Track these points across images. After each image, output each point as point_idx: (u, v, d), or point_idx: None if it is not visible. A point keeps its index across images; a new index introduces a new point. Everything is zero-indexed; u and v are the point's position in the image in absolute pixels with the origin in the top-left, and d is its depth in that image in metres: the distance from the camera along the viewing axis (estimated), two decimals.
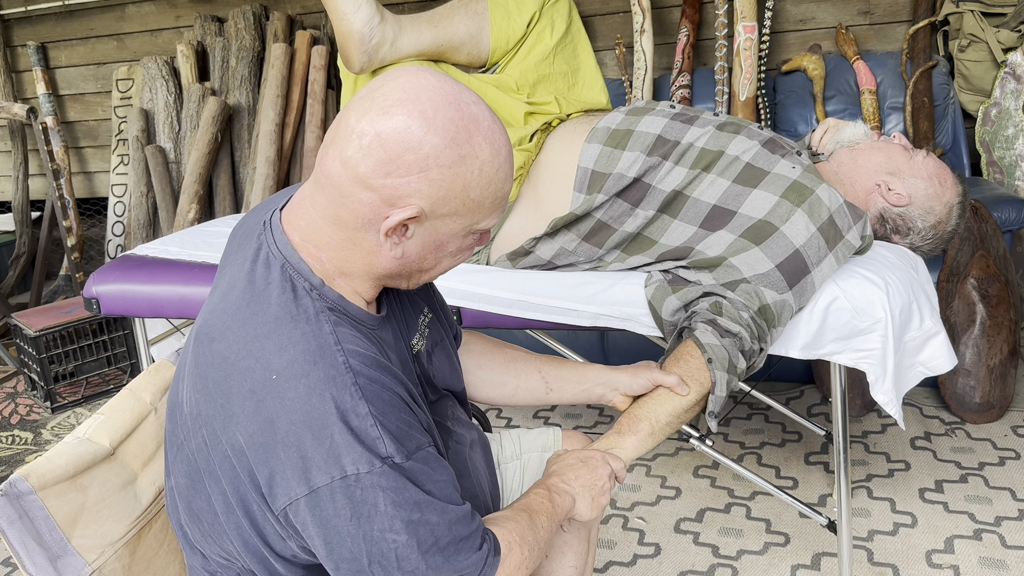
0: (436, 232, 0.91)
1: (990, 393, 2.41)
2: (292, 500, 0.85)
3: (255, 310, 0.90)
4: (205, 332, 0.93)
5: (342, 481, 0.84)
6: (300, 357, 0.86)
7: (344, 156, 0.87)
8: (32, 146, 4.26)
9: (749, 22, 2.88)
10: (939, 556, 1.87)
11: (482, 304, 1.73)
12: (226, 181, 3.62)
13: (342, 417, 0.84)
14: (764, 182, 1.58)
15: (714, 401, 1.37)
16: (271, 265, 0.93)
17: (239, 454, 0.88)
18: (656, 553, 1.97)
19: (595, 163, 1.71)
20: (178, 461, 0.99)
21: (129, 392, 1.18)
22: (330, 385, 0.85)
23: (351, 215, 0.89)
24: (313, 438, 0.84)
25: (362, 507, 0.84)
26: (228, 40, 3.72)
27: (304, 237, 0.93)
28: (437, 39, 1.91)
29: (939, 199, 1.68)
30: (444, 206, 0.89)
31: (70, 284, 4.01)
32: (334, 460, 0.84)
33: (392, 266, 0.93)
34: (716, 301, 1.47)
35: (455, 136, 0.86)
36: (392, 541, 0.85)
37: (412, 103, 0.86)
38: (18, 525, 0.96)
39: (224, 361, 0.88)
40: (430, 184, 0.86)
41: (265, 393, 0.85)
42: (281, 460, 0.85)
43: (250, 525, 0.93)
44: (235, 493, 0.92)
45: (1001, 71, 2.90)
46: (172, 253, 2.07)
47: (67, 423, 2.92)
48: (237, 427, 0.87)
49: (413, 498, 0.86)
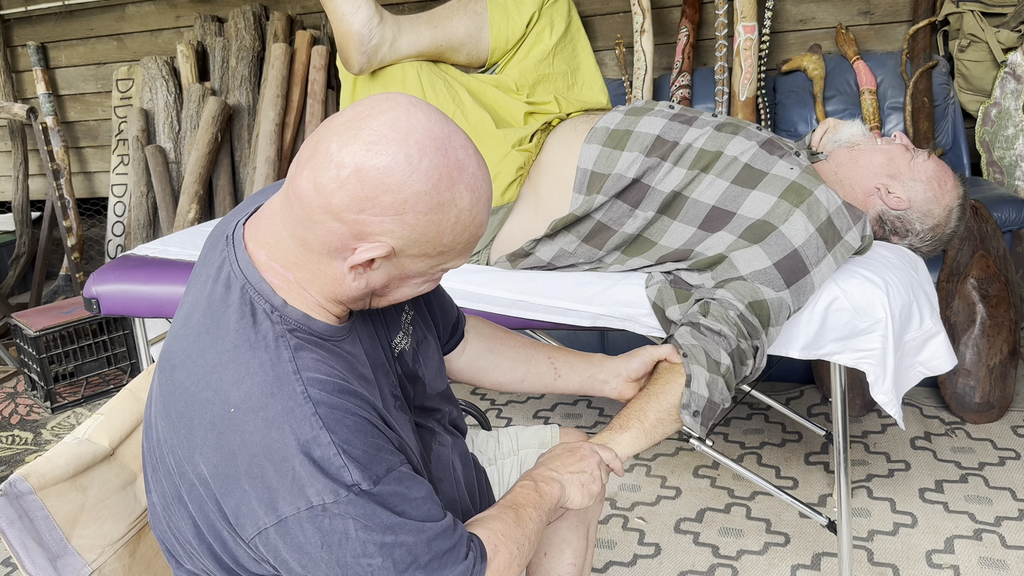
0: (402, 268, 0.89)
1: (990, 393, 2.41)
2: (261, 530, 0.85)
3: (213, 337, 0.88)
4: (167, 359, 0.92)
5: (308, 512, 0.83)
6: (257, 389, 0.84)
7: (319, 182, 0.83)
8: (32, 146, 4.27)
9: (749, 22, 2.88)
10: (939, 556, 1.87)
11: (482, 304, 1.73)
12: (226, 181, 3.62)
13: (303, 449, 0.82)
14: (763, 183, 1.58)
15: (688, 395, 1.33)
16: (231, 286, 0.90)
17: (204, 484, 0.87)
18: (656, 553, 1.97)
19: (594, 164, 1.71)
20: (155, 479, 0.98)
21: (129, 392, 1.18)
22: (288, 417, 0.83)
23: (318, 240, 0.86)
24: (275, 471, 0.83)
25: (331, 536, 0.83)
26: (228, 40, 3.72)
27: (270, 256, 0.90)
28: (436, 39, 1.91)
29: (938, 202, 1.68)
30: (414, 248, 0.86)
31: (70, 284, 4.01)
32: (299, 491, 0.82)
33: (355, 294, 0.91)
34: (704, 302, 1.47)
35: (437, 183, 0.83)
36: (367, 565, 0.85)
37: (399, 143, 0.82)
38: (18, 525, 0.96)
39: (184, 391, 0.87)
40: (403, 227, 0.84)
41: (225, 426, 0.84)
42: (246, 492, 0.84)
43: (222, 549, 0.92)
44: (204, 519, 0.91)
45: (1001, 71, 2.90)
46: (172, 253, 2.07)
47: (67, 423, 2.92)
48: (201, 457, 0.86)
49: (385, 522, 0.85)
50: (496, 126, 1.82)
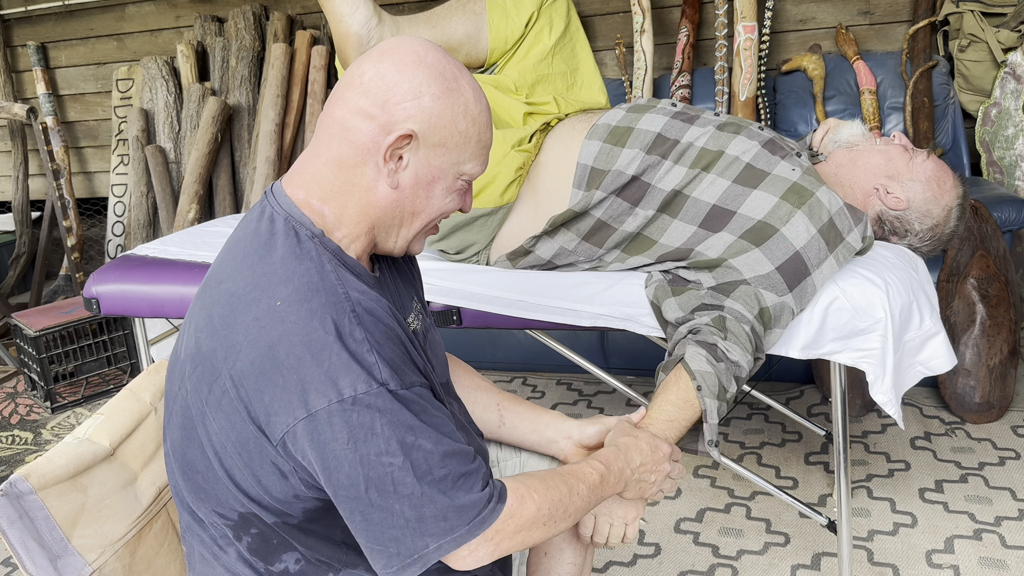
0: (428, 164, 0.98)
1: (990, 393, 2.41)
2: (290, 427, 0.87)
3: (261, 255, 0.95)
4: (213, 277, 0.98)
5: (339, 404, 0.86)
6: (303, 286, 0.90)
7: (347, 97, 0.96)
8: (32, 146, 4.27)
9: (749, 22, 2.88)
10: (939, 556, 1.87)
11: (482, 304, 1.73)
12: (226, 181, 3.62)
13: (340, 339, 0.87)
14: (764, 183, 1.58)
15: (710, 430, 1.36)
16: (275, 220, 0.98)
17: (239, 384, 0.90)
18: (656, 553, 1.97)
19: (594, 160, 1.71)
20: (173, 416, 1.00)
21: (129, 392, 1.18)
22: (330, 310, 0.89)
23: (351, 149, 0.96)
24: (312, 359, 0.86)
25: (358, 431, 0.86)
26: (228, 40, 3.72)
27: (307, 193, 0.98)
28: (435, 40, 1.91)
29: (937, 203, 1.68)
30: (435, 134, 0.96)
31: (70, 284, 4.01)
32: (331, 383, 0.86)
33: (388, 202, 0.98)
34: (719, 316, 1.44)
35: (443, 72, 0.97)
36: (388, 464, 0.87)
37: (405, 48, 0.97)
38: (18, 525, 0.96)
39: (231, 296, 0.93)
40: (422, 110, 0.95)
41: (268, 319, 0.89)
42: (279, 386, 0.87)
43: (245, 466, 0.93)
44: (232, 431, 0.92)
45: (1001, 71, 2.90)
46: (172, 253, 2.07)
47: (67, 423, 2.92)
48: (238, 356, 0.89)
49: (408, 422, 0.88)
50: (495, 127, 1.82)
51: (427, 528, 0.88)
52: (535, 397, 2.85)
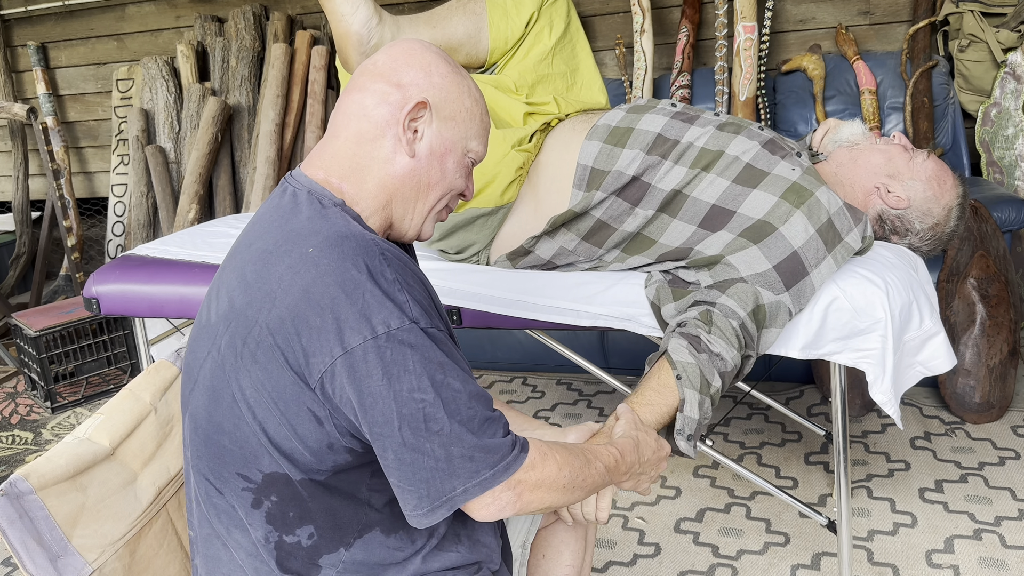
0: (441, 135, 1.05)
1: (990, 393, 2.41)
2: (328, 365, 0.90)
3: (288, 217, 1.00)
4: (241, 243, 1.03)
5: (374, 341, 0.89)
6: (333, 233, 0.95)
7: (362, 82, 1.05)
8: (32, 146, 4.27)
9: (749, 22, 2.88)
10: (939, 556, 1.87)
11: (482, 304, 1.73)
12: (226, 181, 3.62)
13: (372, 278, 0.91)
14: (764, 183, 1.58)
15: (683, 419, 1.34)
16: (297, 194, 1.03)
17: (276, 331, 0.92)
18: (656, 553, 1.97)
19: (594, 160, 1.71)
20: (199, 383, 1.01)
21: (129, 392, 1.18)
22: (361, 252, 0.93)
23: (370, 124, 1.03)
24: (346, 298, 0.90)
25: (392, 367, 0.89)
26: (228, 40, 3.72)
27: (327, 172, 1.04)
28: (435, 40, 1.91)
29: (937, 201, 1.68)
30: (446, 107, 1.05)
31: (70, 284, 4.01)
32: (365, 320, 0.89)
33: (406, 172, 1.04)
34: (706, 310, 1.45)
35: (446, 59, 1.07)
36: (420, 401, 0.89)
37: (412, 42, 1.08)
38: (18, 525, 0.96)
39: (263, 253, 0.97)
40: (433, 86, 1.04)
41: (301, 265, 0.93)
42: (316, 327, 0.90)
43: (281, 415, 0.94)
44: (268, 381, 0.94)
45: (1001, 71, 2.90)
46: (172, 253, 2.07)
47: (67, 423, 2.92)
48: (274, 304, 0.92)
49: (438, 359, 0.91)
50: (495, 126, 1.82)
51: (455, 469, 0.90)
52: (535, 397, 2.85)
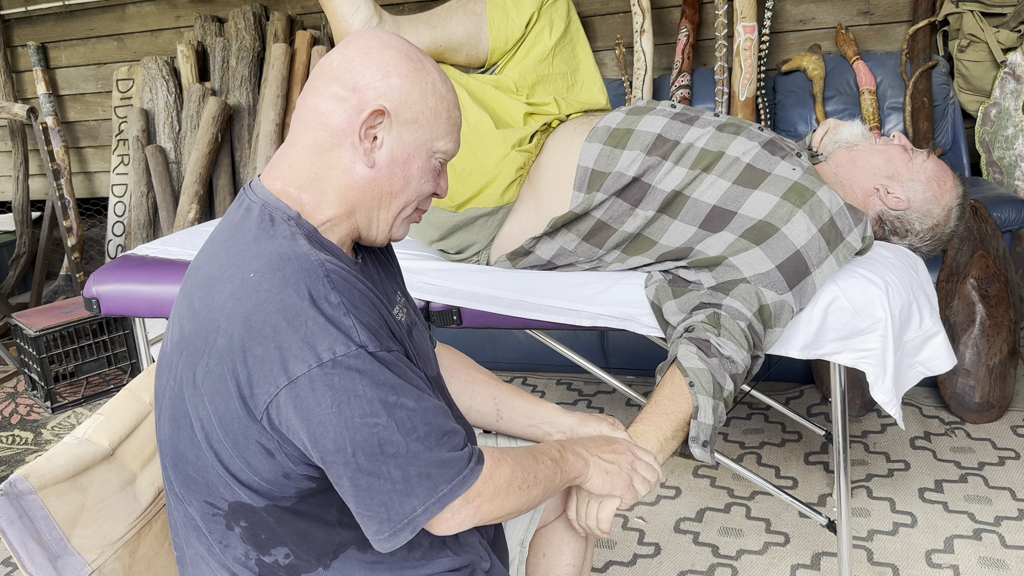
0: (403, 141, 0.99)
1: (990, 393, 2.41)
2: (272, 396, 0.87)
3: (236, 238, 0.96)
4: (194, 268, 1.00)
5: (319, 369, 0.86)
6: (275, 256, 0.91)
7: (317, 86, 1.00)
8: (32, 146, 4.27)
9: (749, 22, 2.88)
10: (939, 556, 1.87)
11: (482, 304, 1.73)
12: (226, 181, 3.62)
13: (315, 304, 0.87)
14: (764, 183, 1.58)
15: (698, 427, 1.33)
16: (251, 209, 0.99)
17: (222, 360, 0.90)
18: (656, 553, 1.97)
19: (595, 162, 1.71)
20: (163, 410, 1.00)
21: (129, 392, 1.18)
22: (303, 276, 0.89)
23: (326, 133, 0.98)
24: (288, 325, 0.86)
25: (341, 394, 0.86)
26: (228, 40, 3.72)
27: (285, 182, 1.00)
28: (435, 40, 1.91)
29: (937, 202, 1.68)
30: (406, 110, 0.99)
31: (70, 284, 4.01)
32: (309, 348, 0.86)
33: (366, 182, 0.99)
34: (713, 313, 1.44)
35: (408, 55, 1.00)
36: (373, 425, 0.87)
37: (369, 36, 1.01)
38: (18, 525, 0.96)
39: (208, 279, 0.94)
40: (391, 88, 0.98)
41: (243, 292, 0.89)
42: (258, 356, 0.87)
43: (233, 447, 0.93)
44: (216, 411, 0.92)
45: (1001, 71, 2.90)
46: (172, 253, 2.07)
47: (67, 423, 2.92)
48: (219, 333, 0.90)
49: (389, 381, 0.88)
50: (496, 127, 1.82)
51: (413, 489, 0.89)
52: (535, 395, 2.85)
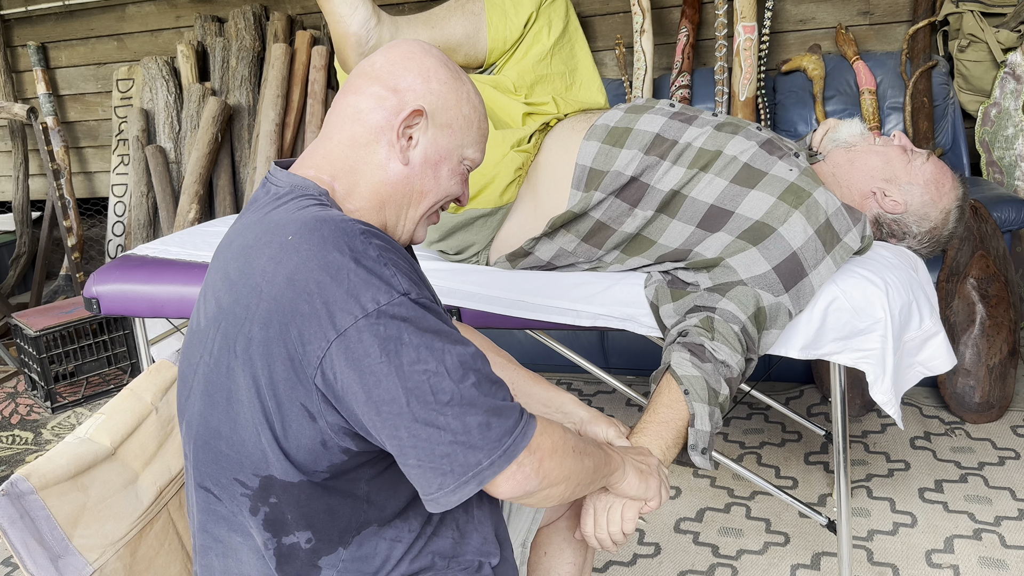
0: (436, 143, 1.03)
1: (990, 393, 2.41)
2: (324, 350, 0.87)
3: (267, 212, 0.98)
4: (225, 243, 1.01)
5: (365, 320, 0.86)
6: (311, 219, 0.93)
7: (358, 84, 1.04)
8: (32, 146, 4.27)
9: (749, 22, 2.88)
10: (939, 556, 1.88)
11: (482, 304, 1.73)
12: (226, 181, 3.62)
13: (355, 258, 0.88)
14: (762, 183, 1.58)
15: (695, 435, 1.32)
16: (280, 194, 1.01)
17: (267, 323, 0.90)
18: (656, 553, 1.97)
19: (593, 160, 1.71)
20: (194, 388, 0.99)
21: (130, 392, 1.18)
22: (342, 234, 0.90)
23: (365, 129, 1.02)
24: (332, 280, 0.87)
25: (388, 343, 0.86)
26: (228, 40, 3.72)
27: (318, 170, 1.02)
28: (434, 40, 1.90)
29: (935, 205, 1.67)
30: (443, 114, 1.03)
31: (70, 284, 4.01)
32: (354, 299, 0.87)
33: (399, 179, 1.02)
34: (707, 317, 1.44)
35: (447, 64, 1.05)
36: (423, 372, 0.86)
37: (412, 44, 1.06)
38: (19, 525, 0.96)
39: (244, 249, 0.95)
40: (431, 92, 1.03)
41: (282, 254, 0.90)
42: (305, 314, 0.87)
43: (276, 412, 0.91)
44: (259, 378, 0.91)
45: (1001, 71, 2.90)
46: (172, 253, 2.07)
47: (67, 423, 2.92)
48: (261, 297, 0.90)
49: (434, 327, 0.89)
50: (494, 127, 1.82)
51: (474, 440, 0.87)
52: None
